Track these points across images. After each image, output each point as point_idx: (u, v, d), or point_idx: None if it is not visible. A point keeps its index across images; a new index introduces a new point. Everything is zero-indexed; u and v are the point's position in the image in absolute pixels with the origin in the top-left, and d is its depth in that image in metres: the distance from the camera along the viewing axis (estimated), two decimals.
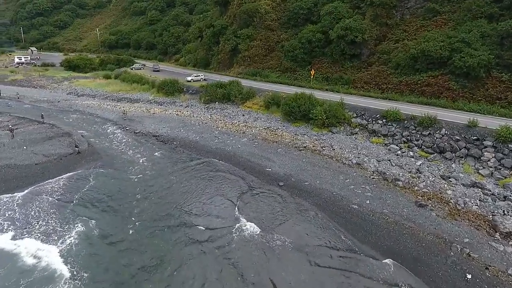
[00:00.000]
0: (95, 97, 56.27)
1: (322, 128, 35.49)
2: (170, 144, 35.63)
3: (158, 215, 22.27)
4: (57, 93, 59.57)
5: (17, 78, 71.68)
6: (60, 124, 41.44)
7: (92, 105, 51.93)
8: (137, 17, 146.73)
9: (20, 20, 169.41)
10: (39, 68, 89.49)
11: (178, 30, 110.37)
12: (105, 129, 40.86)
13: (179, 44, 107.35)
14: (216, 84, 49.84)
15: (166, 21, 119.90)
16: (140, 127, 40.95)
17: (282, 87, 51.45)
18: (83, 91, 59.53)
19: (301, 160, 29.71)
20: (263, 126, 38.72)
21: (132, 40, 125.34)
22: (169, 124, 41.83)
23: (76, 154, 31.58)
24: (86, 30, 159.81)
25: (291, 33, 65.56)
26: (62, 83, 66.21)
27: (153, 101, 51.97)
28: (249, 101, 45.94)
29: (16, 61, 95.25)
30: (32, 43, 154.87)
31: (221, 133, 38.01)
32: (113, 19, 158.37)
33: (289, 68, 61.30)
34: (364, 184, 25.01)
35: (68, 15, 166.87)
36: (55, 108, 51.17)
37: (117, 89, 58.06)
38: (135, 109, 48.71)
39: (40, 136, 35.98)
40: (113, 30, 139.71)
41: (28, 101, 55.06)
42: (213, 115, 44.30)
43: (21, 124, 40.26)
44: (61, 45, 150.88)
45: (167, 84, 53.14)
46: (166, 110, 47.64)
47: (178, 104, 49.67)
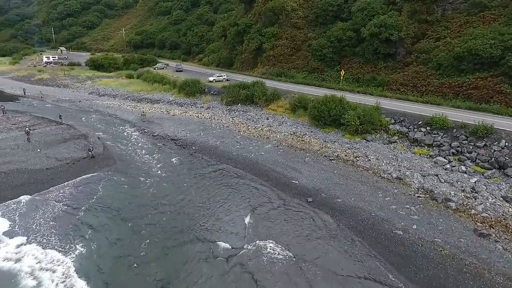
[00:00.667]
0: (116, 97, 55.14)
1: (355, 135, 31.92)
2: (188, 149, 33.22)
3: (171, 229, 19.78)
4: (79, 93, 59.02)
5: (43, 77, 72.22)
6: (78, 125, 40.13)
7: (112, 105, 50.67)
8: (162, 17, 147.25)
9: (51, 21, 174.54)
10: (66, 67, 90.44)
11: (202, 30, 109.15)
12: (122, 131, 39.12)
13: (202, 43, 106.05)
14: (239, 84, 47.19)
15: (190, 20, 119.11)
16: (158, 130, 38.91)
17: (309, 89, 48.08)
18: (104, 91, 58.65)
19: (332, 172, 26.37)
20: (288, 132, 35.59)
21: (157, 40, 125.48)
22: (188, 127, 39.54)
23: (89, 159, 29.75)
24: (113, 30, 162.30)
25: (319, 31, 61.97)
26: (85, 83, 65.86)
27: (174, 102, 50.05)
28: (274, 104, 42.93)
29: (44, 61, 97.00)
30: (62, 43, 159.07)
31: (243, 138, 35.22)
32: (139, 19, 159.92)
33: (316, 68, 57.77)
34: (408, 204, 21.39)
35: (96, 16, 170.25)
36: (75, 108, 50.31)
37: (138, 89, 56.74)
38: (154, 110, 46.90)
39: (56, 138, 34.59)
40: (139, 30, 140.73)
41: (50, 101, 54.67)
42: (235, 118, 41.64)
43: (39, 124, 39.24)
44: (89, 45, 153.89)
45: (188, 85, 51.09)
46: (186, 111, 45.49)
47: (199, 106, 47.43)
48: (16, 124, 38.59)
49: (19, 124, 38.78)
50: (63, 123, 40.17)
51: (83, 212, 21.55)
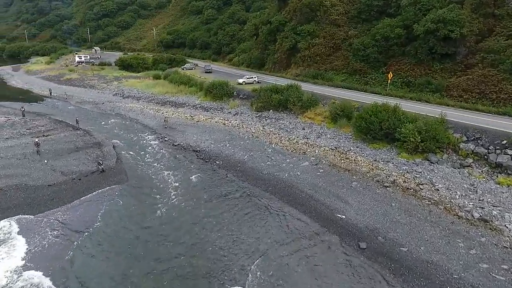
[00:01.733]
0: (139, 99, 52.01)
1: (414, 154, 25.81)
2: (211, 164, 28.63)
3: (182, 266, 15.36)
4: (104, 94, 56.64)
5: (71, 77, 71.20)
6: (95, 131, 36.89)
7: (135, 108, 47.41)
8: (194, 16, 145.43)
9: (88, 21, 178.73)
10: (96, 67, 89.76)
11: (233, 29, 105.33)
12: (141, 139, 35.35)
13: (233, 43, 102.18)
14: (271, 88, 42.12)
15: (222, 19, 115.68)
16: (180, 138, 34.73)
17: (351, 93, 42.14)
18: (129, 93, 55.83)
19: (389, 205, 20.62)
20: (329, 146, 30.01)
21: (188, 40, 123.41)
22: (213, 135, 35.05)
23: (99, 173, 25.94)
24: (146, 30, 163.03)
25: (362, 28, 55.53)
26: (111, 83, 63.69)
27: (199, 106, 45.89)
28: (311, 111, 37.44)
29: (76, 60, 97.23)
30: (97, 43, 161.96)
31: (275, 152, 30.12)
32: (171, 18, 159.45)
33: (358, 70, 51.45)
34: (506, 263, 15.33)
35: (130, 16, 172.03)
36: (97, 110, 47.59)
37: (163, 91, 53.34)
38: (178, 115, 42.95)
39: (67, 146, 31.30)
40: (170, 29, 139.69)
41: (74, 102, 52.54)
42: (266, 126, 36.59)
43: (54, 130, 36.39)
44: (122, 45, 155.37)
45: (216, 87, 46.74)
46: (212, 117, 41.10)
47: (226, 111, 42.88)
48: (31, 129, 35.94)
49: (34, 129, 36.11)
50: (80, 128, 37.13)
51: (76, 247, 17.42)
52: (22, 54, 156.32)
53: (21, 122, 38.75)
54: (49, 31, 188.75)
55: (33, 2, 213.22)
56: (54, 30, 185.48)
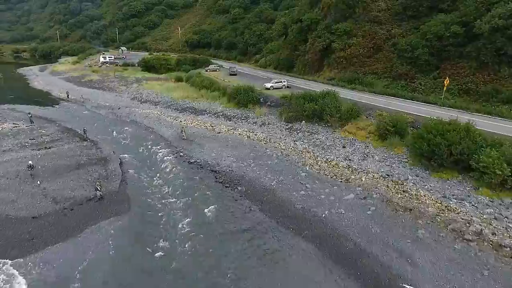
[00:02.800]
0: (157, 104, 47.81)
1: (499, 191, 19.39)
2: (232, 190, 23.48)
3: None
4: (122, 98, 53.04)
5: (92, 79, 68.67)
6: (104, 142, 32.81)
7: (151, 115, 43.18)
8: (220, 15, 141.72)
9: (117, 22, 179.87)
10: (119, 68, 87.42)
11: (261, 28, 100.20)
12: (154, 153, 30.80)
13: (260, 43, 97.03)
14: (304, 95, 36.42)
15: (249, 18, 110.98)
16: (197, 154, 29.86)
17: (397, 102, 35.87)
18: (147, 97, 51.87)
19: (479, 273, 14.51)
20: (379, 172, 23.99)
21: (213, 40, 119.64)
22: (236, 151, 29.90)
23: (96, 201, 21.45)
24: (173, 29, 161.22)
25: (408, 26, 48.64)
26: (131, 86, 60.23)
27: (222, 114, 40.88)
28: (351, 124, 31.46)
29: (101, 61, 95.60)
30: (124, 43, 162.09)
31: (310, 177, 24.49)
32: (198, 18, 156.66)
33: (404, 74, 44.73)
34: None
35: (158, 16, 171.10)
36: (111, 116, 43.81)
37: (183, 95, 48.91)
38: (197, 124, 38.16)
39: (68, 162, 27.17)
40: (196, 29, 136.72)
41: (89, 106, 49.24)
42: (298, 142, 30.95)
43: (59, 140, 32.58)
44: (149, 45, 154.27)
45: (240, 93, 41.60)
46: (235, 128, 35.96)
47: (251, 121, 37.60)
48: (35, 140, 32.28)
49: (38, 139, 32.45)
50: (87, 139, 33.13)
51: None
52: (53, 54, 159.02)
53: (27, 130, 35.38)
54: (79, 31, 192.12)
55: (65, 4, 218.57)
56: (84, 31, 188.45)
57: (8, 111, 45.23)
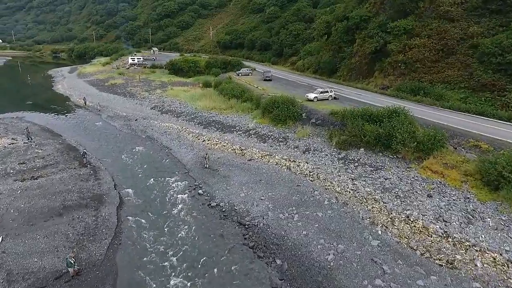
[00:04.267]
0: (180, 116, 40.95)
1: None
2: (268, 265, 15.70)
3: None
4: (142, 106, 46.87)
5: (116, 83, 63.67)
6: (106, 170, 26.21)
7: (171, 130, 36.36)
8: (254, 15, 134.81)
9: (150, 22, 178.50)
10: (147, 70, 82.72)
11: (298, 27, 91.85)
12: (165, 188, 23.66)
13: (297, 43, 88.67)
14: (361, 112, 27.82)
15: (285, 17, 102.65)
16: (221, 192, 22.37)
17: (489, 124, 26.32)
18: (169, 106, 45.23)
19: None
20: (502, 251, 15.13)
21: (247, 40, 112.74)
22: (273, 191, 22.05)
23: (67, 281, 14.46)
24: (205, 30, 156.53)
25: (491, 24, 38.56)
26: (154, 92, 54.18)
27: (254, 132, 33.11)
28: (434, 157, 22.53)
29: (129, 62, 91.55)
30: (157, 43, 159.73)
31: (386, 248, 16.09)
32: (231, 18, 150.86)
33: (489, 84, 34.75)
34: None
35: (191, 16, 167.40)
36: (126, 130, 37.49)
37: (209, 105, 41.76)
38: (224, 146, 30.68)
39: (52, 203, 20.61)
40: (229, 29, 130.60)
41: (105, 116, 43.44)
42: (358, 181, 22.46)
43: (54, 165, 26.33)
44: (181, 45, 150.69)
45: (277, 106, 33.67)
46: (271, 154, 28.07)
47: (291, 144, 29.49)
48: (26, 164, 26.29)
49: (30, 163, 26.43)
50: (87, 165, 26.69)
51: None
52: (88, 55, 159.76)
53: (22, 149, 29.65)
54: (115, 32, 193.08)
55: (102, 4, 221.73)
56: (119, 31, 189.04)
57: (16, 120, 40.37)
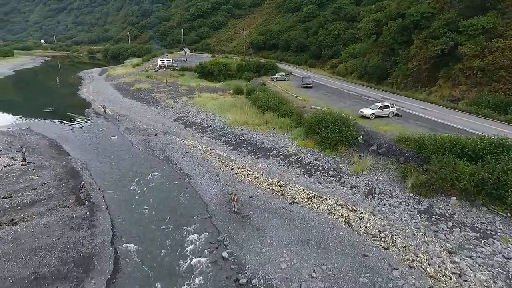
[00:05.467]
0: (206, 131, 34.81)
1: None
2: None
3: None
4: (164, 117, 41.30)
5: (141, 87, 59.09)
6: (107, 211, 20.43)
7: (194, 150, 30.23)
8: (290, 14, 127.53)
9: (183, 23, 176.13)
10: (176, 73, 78.10)
11: (339, 27, 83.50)
12: (179, 248, 17.34)
13: (338, 44, 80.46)
14: (449, 142, 20.06)
15: (324, 16, 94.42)
16: (256, 258, 15.72)
17: None
18: (195, 118, 39.26)
19: None
20: None
21: (281, 41, 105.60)
22: (328, 263, 15.07)
23: None
24: (238, 30, 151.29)
25: None
26: (180, 99, 48.62)
27: (295, 158, 26.13)
28: None
29: (158, 64, 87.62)
30: (189, 44, 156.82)
31: None
32: (265, 17, 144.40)
33: None
34: None
35: (224, 16, 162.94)
36: (142, 148, 31.86)
37: (241, 119, 35.28)
38: (258, 179, 23.97)
39: (22, 270, 14.93)
40: (263, 29, 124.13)
41: (123, 128, 38.29)
42: (461, 257, 14.83)
43: (44, 202, 20.87)
44: (212, 46, 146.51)
45: (326, 125, 26.54)
46: (320, 196, 20.99)
47: (346, 181, 22.19)
48: (11, 198, 21.05)
49: (16, 198, 21.19)
50: (85, 201, 21.04)
51: None
52: (122, 55, 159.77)
53: (15, 174, 24.67)
54: (149, 32, 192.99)
55: (138, 5, 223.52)
56: (153, 32, 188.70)
57: (26, 132, 36.15)
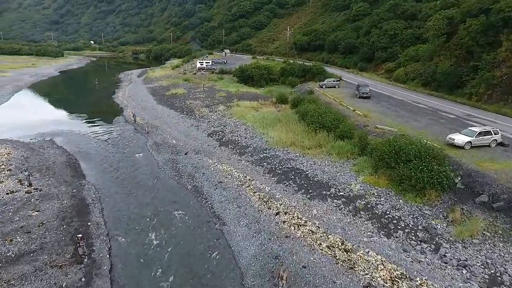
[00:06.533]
0: (244, 152, 28.86)
1: None
2: None
3: None
4: (197, 131, 35.97)
5: (177, 92, 54.73)
6: (109, 276, 15.06)
7: (229, 180, 24.32)
8: (337, 13, 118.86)
9: (225, 23, 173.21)
10: (214, 76, 73.54)
11: (396, 26, 74.17)
12: None
13: (394, 46, 71.27)
14: None
15: (378, 14, 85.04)
16: None
17: None
18: (232, 133, 33.47)
19: None
20: None
21: (327, 41, 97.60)
22: None
23: None
24: (280, 30, 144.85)
25: None
26: (216, 108, 43.25)
27: (363, 203, 19.21)
28: None
29: (197, 66, 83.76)
30: (230, 45, 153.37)
31: None
32: (310, 17, 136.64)
33: None
34: None
35: (266, 16, 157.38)
36: (168, 172, 26.57)
37: (287, 138, 28.86)
38: (313, 234, 17.38)
39: None
40: (307, 29, 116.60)
41: (151, 142, 33.54)
42: None
43: (32, 257, 15.94)
44: (253, 47, 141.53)
45: (406, 158, 19.47)
46: (409, 274, 13.94)
47: (447, 251, 15.03)
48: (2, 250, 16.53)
49: (2, 245, 16.55)
50: (83, 258, 15.90)
51: None
52: (163, 56, 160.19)
53: (17, 204, 20.29)
54: (190, 33, 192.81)
55: (181, 6, 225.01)
56: (195, 33, 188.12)
57: (47, 145, 32.50)
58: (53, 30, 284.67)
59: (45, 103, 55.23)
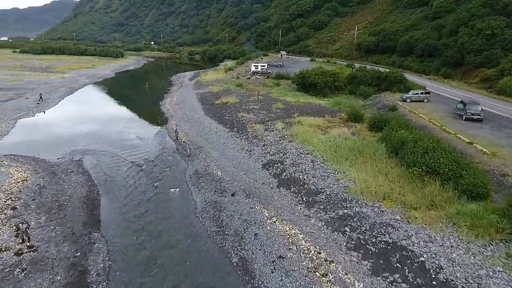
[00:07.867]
0: (313, 203, 20.34)
1: None
2: None
3: None
4: (249, 158, 28.20)
5: (228, 101, 47.90)
6: None
7: (294, 253, 16.11)
8: (411, 10, 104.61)
9: (281, 23, 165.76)
10: (270, 81, 66.00)
11: (493, 24, 60.57)
12: None
13: (493, 48, 57.84)
14: None
15: (468, 9, 71.06)
16: None
17: None
18: (294, 166, 25.07)
19: None
20: None
21: (400, 43, 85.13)
22: None
23: None
24: (342, 30, 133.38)
25: None
26: (273, 125, 35.29)
27: None
28: None
29: (251, 70, 76.90)
30: (286, 46, 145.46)
31: None
32: (377, 15, 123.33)
33: None
34: None
35: (327, 15, 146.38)
36: (208, 224, 19.21)
37: (377, 187, 19.92)
38: None
39: None
40: (375, 29, 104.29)
41: (191, 171, 26.59)
42: None
43: None
44: (312, 48, 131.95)
45: None
46: None
47: None
48: None
49: None
50: None
51: None
52: (218, 57, 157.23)
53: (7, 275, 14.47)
54: (246, 34, 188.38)
55: (238, 7, 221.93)
56: (250, 33, 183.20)
57: (72, 168, 27.17)
58: (118, 31, 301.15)
59: (89, 109, 51.88)
